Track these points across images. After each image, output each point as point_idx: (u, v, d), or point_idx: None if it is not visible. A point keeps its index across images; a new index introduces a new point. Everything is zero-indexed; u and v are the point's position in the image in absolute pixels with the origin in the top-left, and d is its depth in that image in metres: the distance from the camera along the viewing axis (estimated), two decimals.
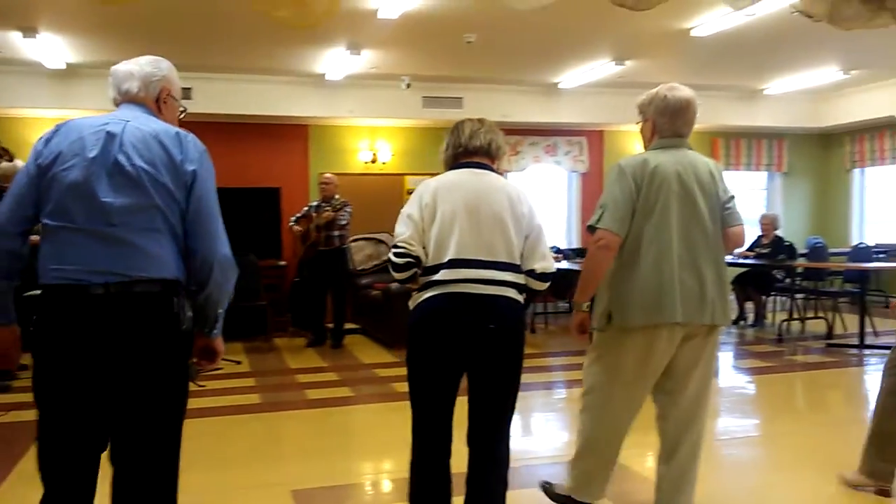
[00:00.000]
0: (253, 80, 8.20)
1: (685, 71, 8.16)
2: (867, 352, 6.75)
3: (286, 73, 8.16)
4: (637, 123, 2.92)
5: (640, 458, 3.76)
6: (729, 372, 6.45)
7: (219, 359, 2.22)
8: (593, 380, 2.89)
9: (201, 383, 5.61)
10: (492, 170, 2.61)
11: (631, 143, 10.38)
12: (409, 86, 8.27)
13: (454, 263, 2.44)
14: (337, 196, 7.45)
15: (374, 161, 9.21)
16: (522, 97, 9.13)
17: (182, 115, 2.30)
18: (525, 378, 2.53)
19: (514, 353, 2.52)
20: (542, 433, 4.70)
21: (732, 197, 2.82)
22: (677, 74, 8.07)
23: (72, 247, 1.96)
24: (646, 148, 2.87)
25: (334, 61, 7.54)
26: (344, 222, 7.33)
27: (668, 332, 2.65)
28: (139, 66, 2.17)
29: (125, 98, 2.15)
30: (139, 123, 2.06)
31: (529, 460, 3.90)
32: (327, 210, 7.31)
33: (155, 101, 2.17)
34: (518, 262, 2.52)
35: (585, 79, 8.48)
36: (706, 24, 6.30)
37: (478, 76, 8.49)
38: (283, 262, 8.59)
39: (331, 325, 7.51)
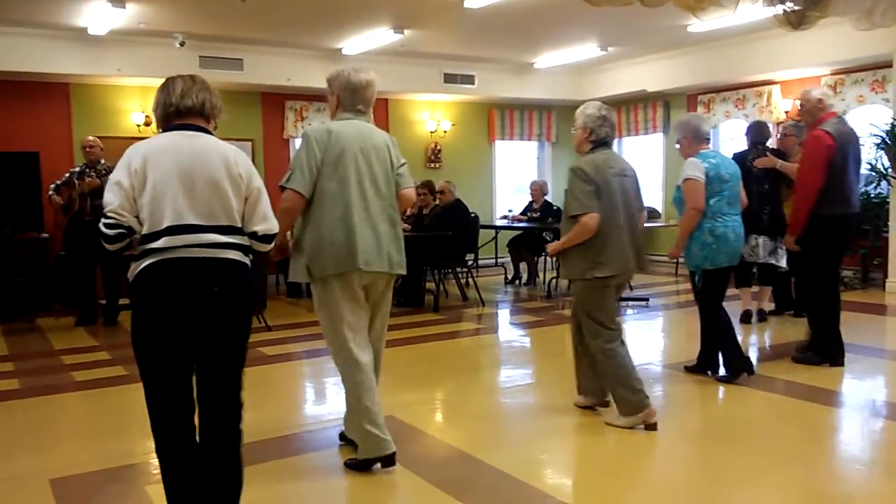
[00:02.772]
0: (0, 31, 7.31)
1: (461, 42, 8.45)
2: (622, 303, 7.52)
3: (41, 26, 7.36)
4: (328, 96, 3.26)
5: (404, 409, 3.98)
6: (506, 327, 6.91)
7: None
8: (330, 336, 3.20)
9: None
10: (206, 131, 2.52)
11: (414, 111, 10.61)
12: (182, 44, 7.83)
13: (172, 230, 2.34)
14: (103, 161, 6.91)
15: (147, 124, 8.63)
16: (307, 62, 8.99)
17: None
18: (310, 345, 2.52)
19: (241, 316, 2.47)
20: (329, 398, 4.75)
21: (404, 163, 3.29)
22: (454, 45, 8.37)
23: None
24: (332, 118, 3.24)
25: (96, 14, 6.92)
26: None
27: (357, 277, 3.12)
28: None
29: None
30: None
31: (314, 425, 3.96)
32: (91, 176, 6.77)
33: None
34: (239, 225, 2.47)
35: (368, 46, 8.52)
36: None
37: (259, 38, 8.22)
38: (45, 235, 7.85)
39: (103, 302, 7.02)
